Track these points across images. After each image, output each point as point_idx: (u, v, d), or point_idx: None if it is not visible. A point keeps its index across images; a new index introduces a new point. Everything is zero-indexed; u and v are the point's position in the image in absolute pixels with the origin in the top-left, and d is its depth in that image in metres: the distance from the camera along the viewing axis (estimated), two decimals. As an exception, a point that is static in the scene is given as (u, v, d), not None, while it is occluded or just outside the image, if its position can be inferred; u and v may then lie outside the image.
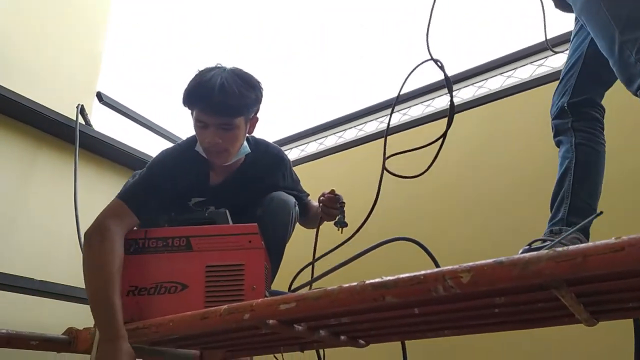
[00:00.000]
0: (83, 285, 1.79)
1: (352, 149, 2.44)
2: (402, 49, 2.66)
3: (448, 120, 1.12)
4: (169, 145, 1.82)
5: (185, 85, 1.31)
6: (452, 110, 1.11)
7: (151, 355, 1.33)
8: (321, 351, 1.35)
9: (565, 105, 1.26)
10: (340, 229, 1.33)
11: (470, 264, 0.70)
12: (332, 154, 2.52)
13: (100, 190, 2.16)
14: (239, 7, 3.18)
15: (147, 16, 3.09)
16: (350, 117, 2.52)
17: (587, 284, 0.75)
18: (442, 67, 1.10)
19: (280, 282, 1.37)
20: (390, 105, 2.36)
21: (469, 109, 2.09)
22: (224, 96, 1.23)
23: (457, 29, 2.47)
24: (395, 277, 0.75)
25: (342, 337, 1.14)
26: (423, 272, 0.73)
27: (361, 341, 1.21)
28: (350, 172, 2.38)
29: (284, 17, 3.10)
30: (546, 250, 0.66)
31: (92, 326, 1.13)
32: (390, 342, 1.23)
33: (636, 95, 1.03)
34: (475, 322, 1.02)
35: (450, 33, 2.44)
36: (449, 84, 1.12)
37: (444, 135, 1.14)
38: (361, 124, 2.50)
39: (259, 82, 1.34)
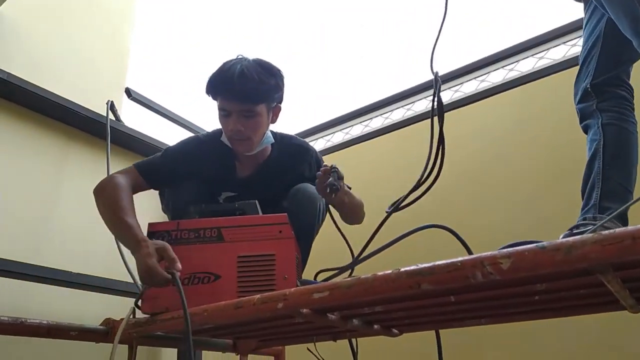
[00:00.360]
0: (119, 278, 1.84)
1: (379, 137, 2.42)
2: (402, 49, 2.68)
3: (434, 140, 1.00)
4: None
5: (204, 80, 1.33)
6: (441, 142, 0.99)
7: (183, 343, 1.35)
8: (354, 341, 1.35)
9: (588, 86, 1.19)
10: (332, 193, 1.20)
11: (510, 249, 0.68)
12: (358, 143, 2.50)
13: (132, 184, 2.20)
14: (239, 7, 3.18)
15: (147, 16, 3.11)
16: (376, 105, 2.49)
17: (634, 268, 0.71)
18: (436, 78, 0.98)
19: (310, 275, 1.37)
20: (419, 91, 2.32)
21: (500, 92, 2.03)
22: (244, 82, 1.25)
23: (491, 10, 2.41)
24: (431, 264, 0.74)
25: (376, 326, 1.13)
26: (460, 258, 0.71)
27: (395, 330, 1.20)
28: (376, 160, 2.36)
29: (284, 17, 3.10)
30: (591, 234, 0.63)
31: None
32: (425, 331, 1.22)
33: None
34: (514, 309, 0.99)
35: (482, 15, 2.39)
36: (440, 109, 0.95)
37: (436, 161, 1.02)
38: (387, 112, 2.47)
39: (279, 71, 1.35)
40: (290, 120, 2.73)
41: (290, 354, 1.67)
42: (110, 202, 1.19)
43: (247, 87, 1.25)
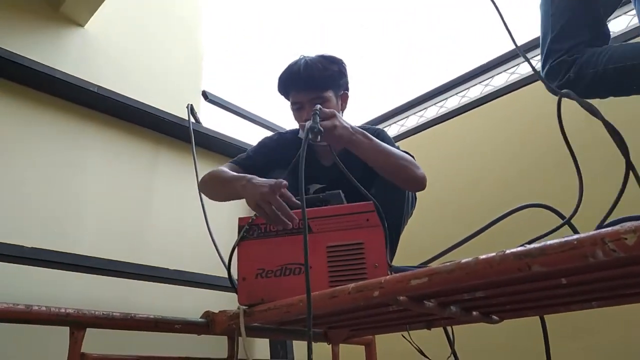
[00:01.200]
0: (213, 272, 1.91)
1: (454, 118, 2.32)
2: (402, 49, 2.69)
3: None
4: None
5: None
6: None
7: (277, 334, 1.39)
8: (449, 328, 1.31)
9: None
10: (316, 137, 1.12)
11: (635, 222, 0.61)
12: (432, 125, 2.41)
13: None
14: (239, 7, 3.21)
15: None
16: (451, 84, 2.39)
17: None
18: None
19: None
20: (499, 64, 2.19)
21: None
22: (309, 72, 1.36)
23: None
24: (542, 244, 0.68)
25: (475, 313, 1.08)
26: (575, 236, 0.65)
27: (494, 317, 1.14)
28: (452, 143, 2.27)
29: (284, 17, 3.13)
30: None
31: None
32: (527, 317, 1.15)
33: None
34: (632, 290, 0.90)
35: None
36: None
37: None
38: (464, 89, 2.36)
39: (341, 59, 1.44)
40: (290, 119, 2.75)
41: (381, 343, 1.65)
42: (213, 176, 1.36)
43: (312, 74, 1.35)
